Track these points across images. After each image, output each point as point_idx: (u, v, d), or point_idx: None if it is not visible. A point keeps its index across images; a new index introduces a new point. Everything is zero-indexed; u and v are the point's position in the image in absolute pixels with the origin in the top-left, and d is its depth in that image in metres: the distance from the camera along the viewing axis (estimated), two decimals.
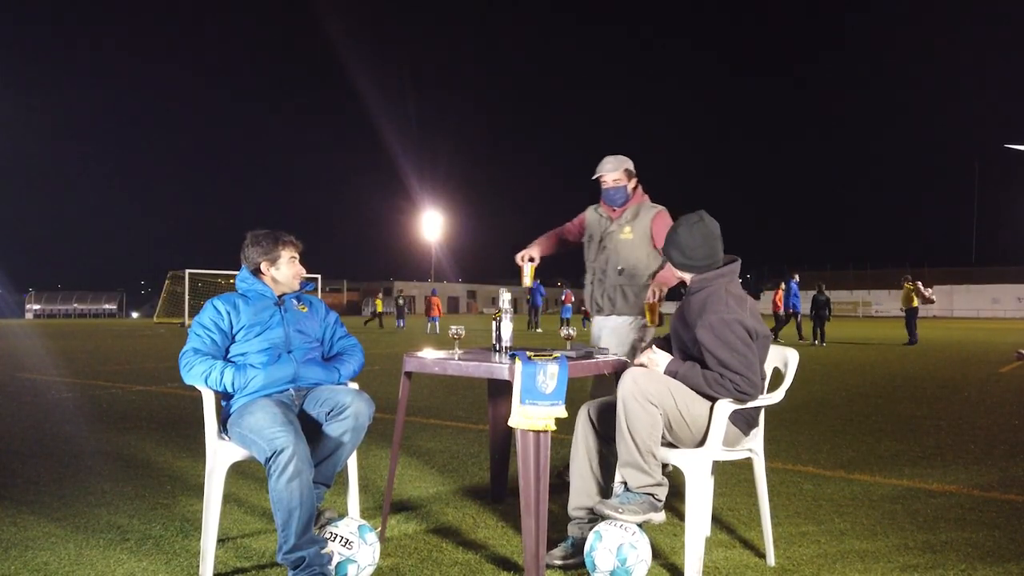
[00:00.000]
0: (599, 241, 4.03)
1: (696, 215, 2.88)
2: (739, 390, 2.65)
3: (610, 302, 3.96)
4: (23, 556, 2.92)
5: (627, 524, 2.64)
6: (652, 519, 2.66)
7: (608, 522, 2.68)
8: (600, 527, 2.69)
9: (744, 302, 2.77)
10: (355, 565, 2.62)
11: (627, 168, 3.96)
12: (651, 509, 2.66)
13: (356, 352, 3.20)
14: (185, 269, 36.27)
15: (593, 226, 4.10)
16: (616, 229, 3.99)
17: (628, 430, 2.63)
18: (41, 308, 58.26)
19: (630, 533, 2.63)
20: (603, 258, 4.01)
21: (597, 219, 4.08)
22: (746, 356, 2.68)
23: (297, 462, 2.56)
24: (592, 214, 4.12)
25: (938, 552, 2.99)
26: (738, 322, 2.68)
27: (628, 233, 3.95)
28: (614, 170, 3.95)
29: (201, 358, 2.86)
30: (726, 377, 2.66)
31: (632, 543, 2.61)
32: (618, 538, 2.62)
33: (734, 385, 2.65)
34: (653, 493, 2.67)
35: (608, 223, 4.02)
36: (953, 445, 5.17)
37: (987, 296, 57.28)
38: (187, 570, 2.79)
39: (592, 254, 4.07)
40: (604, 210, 4.05)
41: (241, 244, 3.10)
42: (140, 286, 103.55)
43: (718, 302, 2.74)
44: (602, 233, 4.02)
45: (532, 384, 2.64)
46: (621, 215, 3.98)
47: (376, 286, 79.64)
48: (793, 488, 3.99)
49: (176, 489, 3.94)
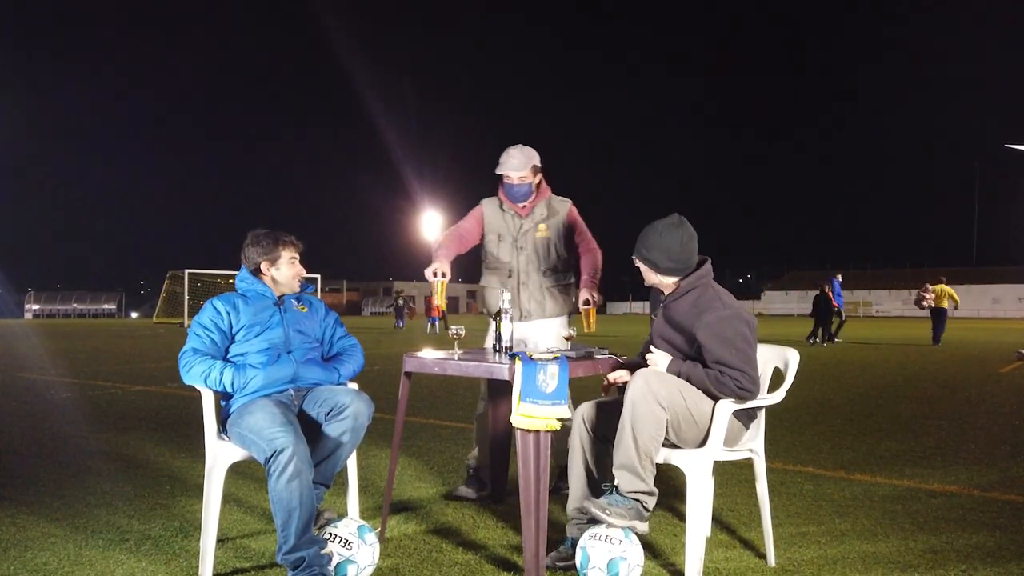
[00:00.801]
0: (513, 241, 3.75)
1: (675, 218, 2.86)
2: (740, 386, 2.66)
3: (539, 305, 3.74)
4: (22, 556, 2.92)
5: (613, 536, 2.58)
6: (636, 527, 2.60)
7: (592, 535, 2.62)
8: (586, 543, 2.62)
9: (733, 298, 2.81)
10: (355, 566, 2.62)
11: (535, 164, 3.70)
12: (637, 517, 2.61)
13: (356, 352, 3.20)
14: (185, 269, 36.29)
15: (499, 225, 3.79)
16: (531, 228, 3.74)
17: (632, 431, 2.62)
18: (40, 308, 58.29)
19: (617, 544, 2.57)
20: (523, 259, 3.74)
21: (503, 217, 3.78)
22: (745, 352, 2.69)
23: (297, 462, 2.55)
24: (493, 211, 3.80)
25: (938, 552, 2.99)
26: (738, 318, 2.71)
27: (545, 231, 3.74)
28: (522, 168, 3.66)
29: (201, 358, 2.85)
30: (726, 375, 2.66)
31: (621, 554, 2.55)
32: (606, 553, 2.56)
33: (735, 382, 2.65)
34: (642, 501, 2.63)
35: (519, 221, 3.75)
36: (953, 445, 5.17)
37: (987, 296, 57.28)
38: (186, 570, 2.79)
39: (506, 255, 3.77)
40: (510, 207, 3.75)
41: (241, 244, 3.09)
42: (140, 286, 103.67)
43: (713, 300, 2.76)
44: (515, 233, 3.75)
45: (532, 384, 2.64)
46: (531, 212, 3.74)
47: (376, 286, 79.70)
48: (793, 488, 3.99)
49: (175, 489, 3.94)
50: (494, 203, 3.81)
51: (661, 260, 2.83)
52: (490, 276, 3.83)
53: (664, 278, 2.87)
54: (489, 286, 3.82)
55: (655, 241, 2.83)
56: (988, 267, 63.20)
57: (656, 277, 2.89)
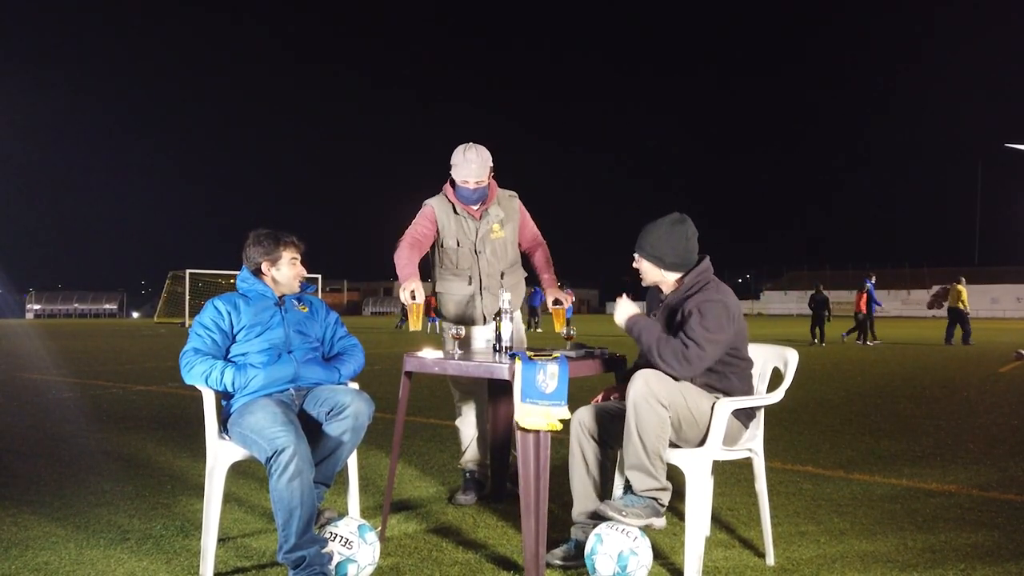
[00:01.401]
0: (472, 246, 3.62)
1: (677, 215, 2.90)
2: (682, 354, 2.68)
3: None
4: (23, 555, 2.93)
5: (629, 529, 2.62)
6: (654, 524, 2.64)
7: (609, 525, 2.66)
8: (601, 530, 2.67)
9: (730, 293, 2.84)
10: (355, 565, 2.63)
11: (490, 165, 3.56)
12: (654, 514, 2.64)
13: (356, 352, 3.21)
14: (186, 269, 36.29)
15: (454, 228, 3.63)
16: (487, 231, 3.62)
17: (637, 432, 2.63)
18: (42, 308, 58.26)
19: (632, 539, 2.61)
20: (483, 263, 3.63)
21: (457, 220, 3.62)
22: (712, 333, 2.70)
23: (298, 462, 2.56)
24: (446, 213, 3.63)
25: (937, 552, 2.99)
26: (722, 304, 2.74)
27: (500, 232, 3.65)
28: (482, 173, 3.52)
29: (201, 358, 2.86)
30: (679, 341, 2.71)
31: (633, 549, 2.59)
32: (619, 543, 2.60)
33: (681, 350, 2.69)
34: (657, 498, 2.66)
35: (474, 224, 3.62)
36: (953, 445, 5.18)
37: (987, 296, 57.26)
38: (187, 570, 2.80)
39: (466, 261, 3.64)
40: (462, 208, 3.61)
41: (242, 244, 3.10)
42: (141, 286, 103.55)
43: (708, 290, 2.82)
44: (473, 237, 3.62)
45: (532, 383, 2.65)
46: (486, 213, 3.63)
47: (376, 286, 79.68)
48: (793, 488, 3.99)
49: (176, 489, 3.95)
50: (445, 205, 3.63)
51: (667, 255, 2.85)
52: (448, 282, 3.70)
53: (668, 274, 2.90)
54: (447, 292, 3.70)
55: (658, 239, 2.86)
56: (987, 267, 63.18)
57: (659, 274, 2.91)
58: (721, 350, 2.75)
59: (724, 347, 2.76)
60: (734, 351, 2.84)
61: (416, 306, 3.34)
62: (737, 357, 2.86)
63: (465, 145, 3.58)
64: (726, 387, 2.83)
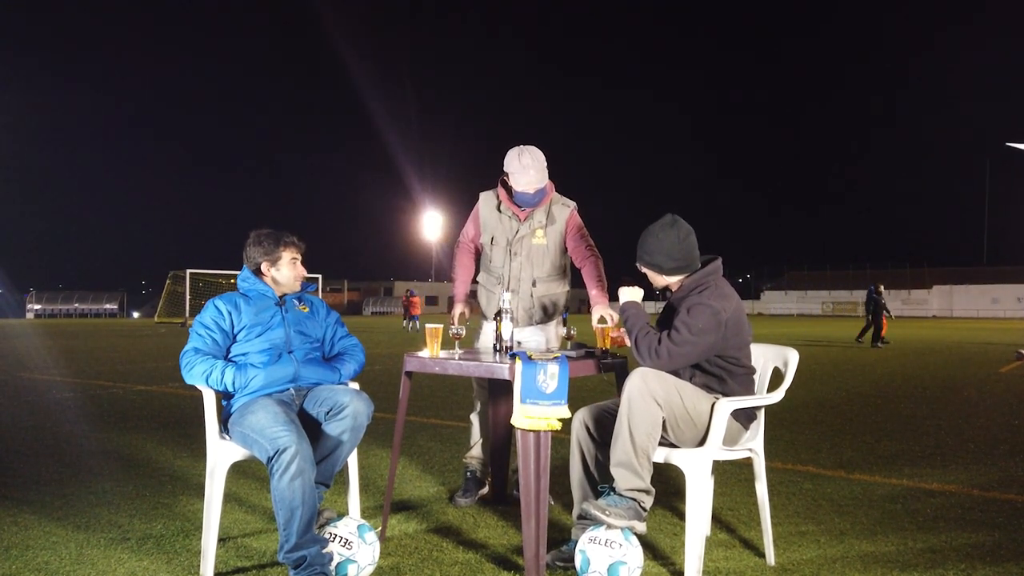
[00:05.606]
0: (507, 245, 3.54)
1: (668, 218, 2.89)
2: (655, 348, 2.71)
3: (527, 314, 3.56)
4: (24, 555, 2.93)
5: (612, 539, 2.58)
6: (635, 527, 2.60)
7: (591, 540, 2.62)
8: (585, 547, 2.62)
9: (729, 299, 2.80)
10: (355, 565, 2.63)
11: (545, 166, 3.42)
12: (636, 516, 2.61)
13: (357, 352, 3.21)
14: (186, 269, 36.32)
15: (495, 227, 3.55)
16: (527, 233, 3.51)
17: (629, 427, 2.63)
18: (42, 308, 58.24)
19: (617, 547, 2.57)
20: (515, 266, 3.52)
21: (499, 219, 3.54)
22: (692, 335, 2.70)
23: (300, 461, 2.56)
24: (490, 210, 3.56)
25: (938, 552, 2.99)
26: (709, 307, 2.73)
27: (541, 238, 3.51)
28: (540, 181, 3.41)
29: (202, 358, 2.86)
30: (657, 335, 2.74)
31: (621, 558, 2.55)
32: (606, 557, 2.56)
33: (656, 342, 2.72)
34: (640, 500, 2.64)
35: (516, 224, 3.52)
36: (953, 445, 5.18)
37: (987, 296, 57.26)
38: (188, 569, 2.80)
39: (499, 260, 3.57)
40: (509, 207, 3.52)
41: (243, 243, 3.10)
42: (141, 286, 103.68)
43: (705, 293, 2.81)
44: (511, 237, 3.53)
45: (532, 384, 2.65)
46: (531, 215, 3.51)
47: (377, 286, 79.71)
48: (793, 488, 3.99)
49: (177, 488, 3.95)
50: (491, 200, 3.59)
51: (664, 262, 2.86)
52: (485, 275, 3.69)
53: (670, 278, 2.91)
54: (483, 284, 3.68)
55: (653, 244, 2.87)
56: (987, 267, 63.16)
57: (663, 279, 2.93)
58: (701, 352, 2.74)
59: (705, 350, 2.75)
60: (734, 359, 2.83)
61: (435, 330, 3.18)
62: (738, 365, 2.85)
63: (519, 149, 3.43)
64: (726, 391, 2.83)
